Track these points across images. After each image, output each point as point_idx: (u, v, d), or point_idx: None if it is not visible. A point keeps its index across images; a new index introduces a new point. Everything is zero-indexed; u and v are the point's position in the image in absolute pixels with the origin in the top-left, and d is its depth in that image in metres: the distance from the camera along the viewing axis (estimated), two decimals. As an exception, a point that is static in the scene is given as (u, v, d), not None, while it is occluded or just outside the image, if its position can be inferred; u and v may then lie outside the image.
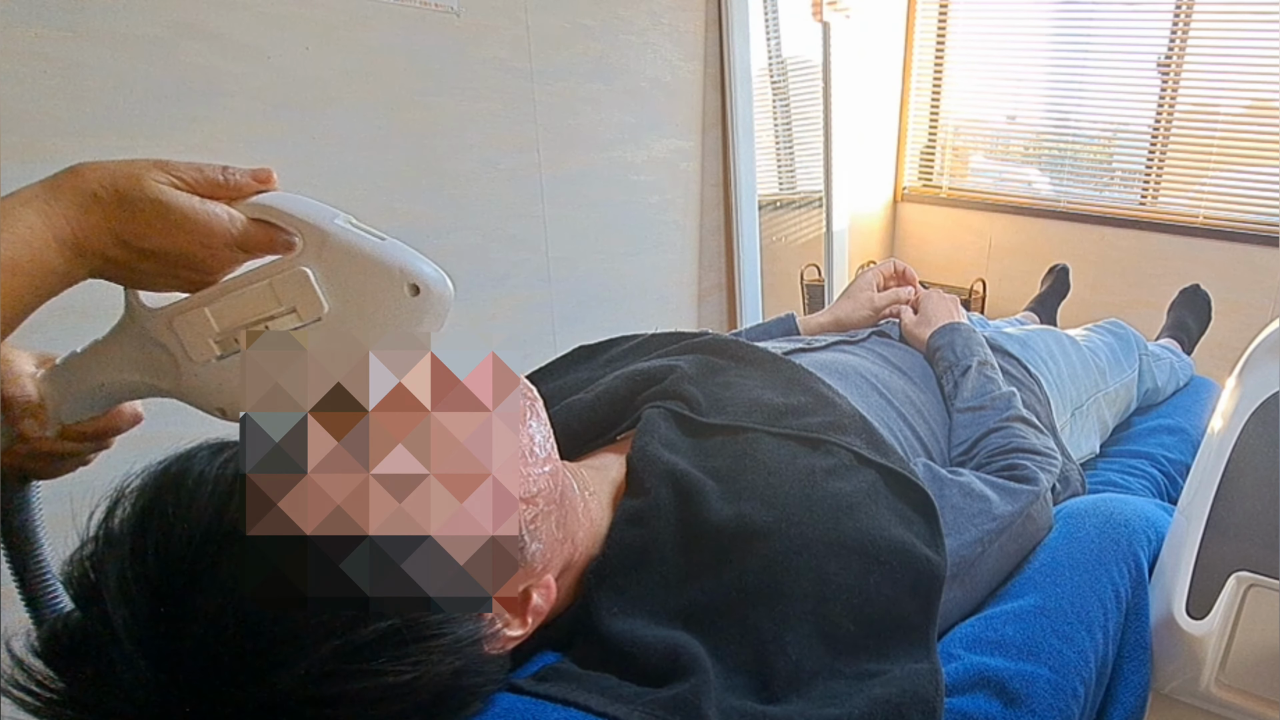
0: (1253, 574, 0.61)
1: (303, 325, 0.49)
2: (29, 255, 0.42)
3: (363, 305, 0.49)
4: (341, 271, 0.48)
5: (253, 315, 0.49)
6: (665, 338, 0.89)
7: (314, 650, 0.39)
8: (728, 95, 2.32)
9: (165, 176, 0.45)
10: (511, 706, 0.49)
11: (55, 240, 0.43)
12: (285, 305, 0.48)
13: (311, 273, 0.48)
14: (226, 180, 0.47)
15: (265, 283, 0.48)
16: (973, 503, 0.70)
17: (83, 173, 0.44)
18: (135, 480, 0.43)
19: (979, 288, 3.09)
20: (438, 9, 1.60)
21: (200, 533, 0.40)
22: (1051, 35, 2.94)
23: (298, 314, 0.49)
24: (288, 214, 0.48)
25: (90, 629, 0.39)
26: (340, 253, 0.48)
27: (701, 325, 2.47)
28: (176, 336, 0.50)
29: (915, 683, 0.52)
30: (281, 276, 0.48)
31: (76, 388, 0.51)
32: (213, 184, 0.47)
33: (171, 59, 1.27)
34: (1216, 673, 0.60)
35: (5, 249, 0.41)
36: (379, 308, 0.48)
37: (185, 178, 0.46)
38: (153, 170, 0.45)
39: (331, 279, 0.48)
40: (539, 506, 0.53)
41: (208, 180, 0.47)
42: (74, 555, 0.42)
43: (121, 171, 0.44)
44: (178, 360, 0.50)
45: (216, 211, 0.46)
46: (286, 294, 0.48)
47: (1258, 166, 2.64)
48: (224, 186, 0.47)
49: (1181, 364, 1.46)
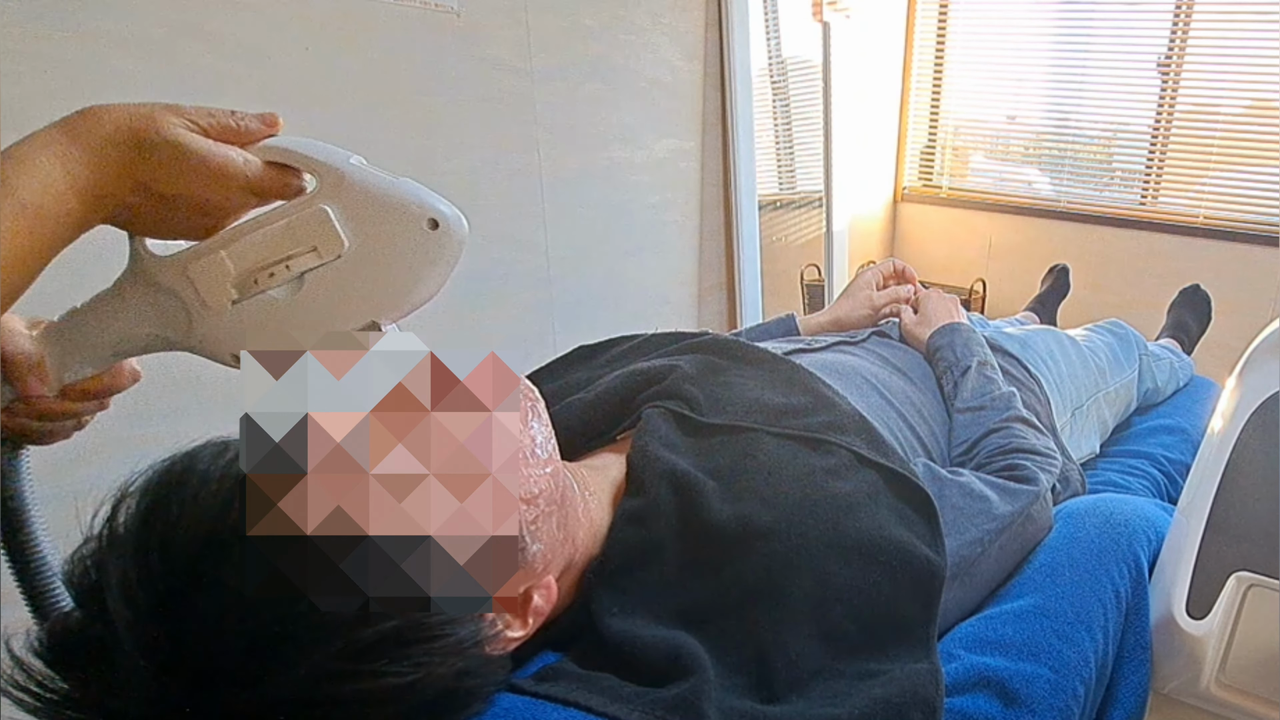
0: (1253, 574, 0.61)
1: (323, 264, 0.49)
2: (49, 203, 0.41)
3: (382, 241, 0.49)
4: (360, 209, 0.49)
5: (272, 256, 0.49)
6: (665, 338, 0.89)
7: (316, 652, 0.39)
8: (728, 95, 2.32)
9: (180, 120, 0.45)
10: (511, 706, 0.49)
11: (72, 187, 0.42)
12: (305, 244, 0.49)
13: (331, 210, 0.48)
14: (237, 125, 0.47)
15: (284, 223, 0.49)
16: (973, 503, 0.70)
17: (99, 115, 0.43)
18: (138, 479, 0.43)
19: (979, 288, 3.09)
20: (438, 9, 1.60)
21: (204, 533, 0.40)
22: (1051, 35, 2.94)
23: (318, 252, 0.49)
24: (302, 155, 0.49)
25: (92, 629, 0.39)
26: (358, 190, 0.49)
27: (701, 325, 2.47)
28: (191, 284, 0.49)
29: (915, 683, 0.52)
30: (300, 215, 0.48)
31: (80, 344, 0.50)
32: (224, 128, 0.47)
33: (171, 59, 1.27)
34: (1216, 673, 0.60)
35: (27, 196, 0.40)
36: (398, 242, 0.49)
37: (199, 121, 0.46)
38: (167, 114, 0.45)
39: (350, 216, 0.49)
40: (540, 507, 0.53)
41: (220, 125, 0.47)
42: (76, 554, 0.42)
43: (137, 114, 0.44)
44: (190, 309, 0.50)
45: (231, 155, 0.46)
46: (306, 233, 0.49)
47: (1258, 166, 2.64)
48: (235, 131, 0.47)
49: (1181, 364, 1.46)
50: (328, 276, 0.49)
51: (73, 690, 0.39)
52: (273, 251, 0.49)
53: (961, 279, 3.16)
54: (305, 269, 0.49)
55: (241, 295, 0.49)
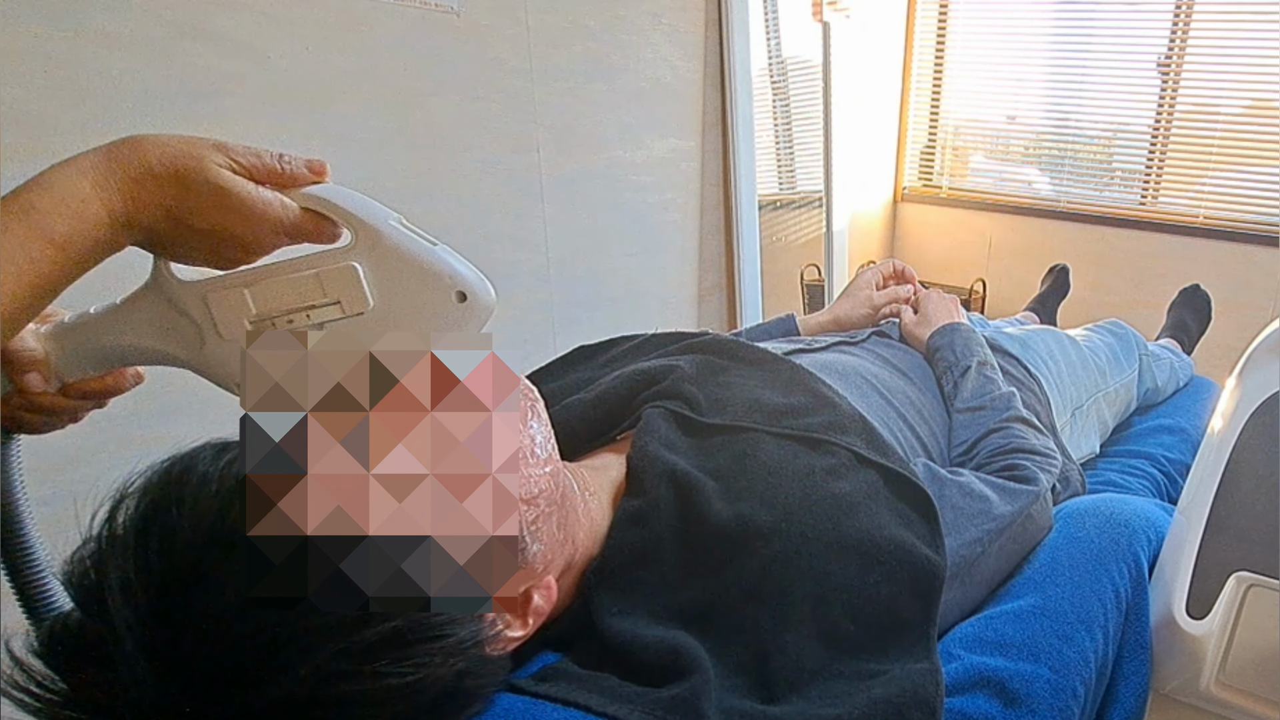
0: (1253, 574, 0.61)
1: (344, 318, 0.50)
2: (79, 233, 0.42)
3: (408, 306, 0.50)
4: (390, 271, 0.49)
5: (295, 303, 0.50)
6: (665, 338, 0.89)
7: (317, 652, 0.39)
8: (728, 95, 2.32)
9: (224, 159, 0.46)
10: (511, 706, 0.49)
11: (107, 214, 0.43)
12: (330, 297, 0.49)
13: (361, 268, 0.49)
14: (282, 169, 0.48)
15: (313, 273, 0.49)
16: (973, 503, 0.70)
17: (143, 145, 0.44)
18: (138, 480, 0.43)
19: (979, 288, 3.09)
20: (438, 9, 1.60)
21: (204, 534, 0.40)
22: (1051, 35, 2.94)
23: (341, 307, 0.50)
24: (342, 209, 0.49)
25: (92, 630, 0.39)
26: (391, 253, 0.49)
27: (701, 325, 2.47)
28: (209, 311, 0.50)
29: (915, 683, 0.52)
30: (330, 269, 0.49)
31: (85, 347, 0.51)
32: (269, 171, 0.47)
33: (171, 59, 1.27)
34: (1216, 673, 0.60)
35: (58, 227, 0.41)
36: (424, 310, 0.50)
37: (242, 162, 0.46)
38: (213, 152, 0.45)
39: (379, 277, 0.49)
40: (540, 507, 0.53)
41: (265, 167, 0.47)
42: (75, 555, 0.42)
43: (183, 151, 0.45)
44: (204, 334, 0.51)
45: (270, 200, 0.47)
46: (332, 287, 0.49)
47: (1258, 166, 2.64)
48: (279, 174, 0.48)
49: (1181, 364, 1.46)
50: (346, 331, 0.50)
51: (73, 691, 0.39)
52: (297, 299, 0.50)
53: (961, 279, 3.16)
54: (326, 320, 0.50)
55: (257, 333, 0.50)
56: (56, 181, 0.42)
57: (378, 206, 0.50)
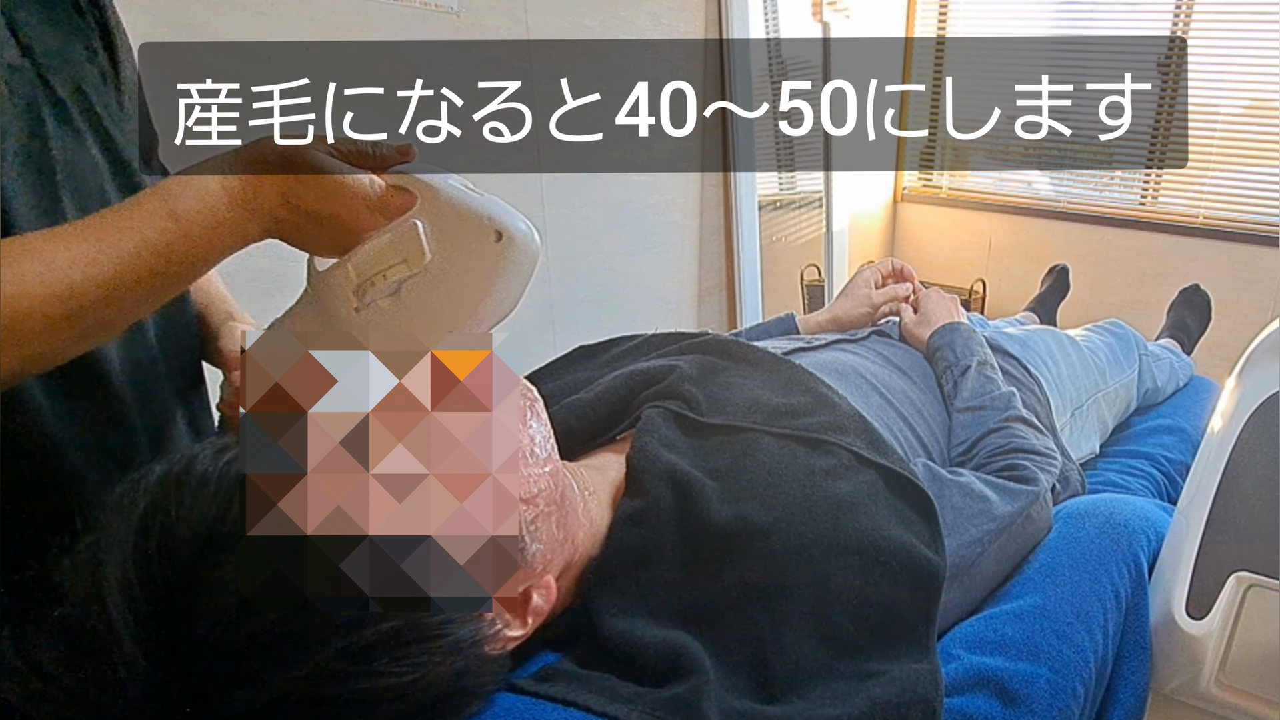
0: (1253, 574, 0.61)
1: (412, 274, 0.55)
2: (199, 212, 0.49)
3: (454, 252, 0.54)
4: (442, 222, 0.54)
5: (377, 266, 0.55)
6: (665, 338, 0.89)
7: (316, 651, 0.39)
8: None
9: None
10: (511, 706, 0.49)
11: (227, 197, 0.50)
12: (399, 256, 0.54)
13: (420, 224, 0.54)
14: (373, 151, 0.55)
15: (388, 236, 0.55)
16: (972, 503, 0.70)
17: (261, 142, 0.53)
18: (138, 481, 0.43)
19: (979, 288, 3.09)
20: (438, 9, 1.60)
21: (203, 533, 0.40)
22: (1051, 35, 2.93)
23: (407, 263, 0.54)
24: (415, 177, 0.55)
25: (90, 629, 0.39)
26: (443, 204, 0.54)
27: (701, 325, 2.47)
28: (331, 293, 0.57)
29: (915, 683, 0.52)
30: (399, 230, 0.54)
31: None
32: (362, 154, 0.54)
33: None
34: (1216, 673, 0.60)
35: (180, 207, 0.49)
36: (467, 253, 0.54)
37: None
38: (318, 142, 0.53)
39: (435, 230, 0.54)
40: (539, 507, 0.53)
41: (358, 151, 0.54)
42: (74, 554, 0.42)
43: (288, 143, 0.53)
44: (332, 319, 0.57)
45: (360, 178, 0.53)
46: (401, 246, 0.54)
47: (1258, 166, 2.64)
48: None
49: (1181, 364, 1.46)
50: (417, 287, 0.55)
51: (71, 691, 0.39)
52: (378, 262, 0.55)
53: (961, 279, 3.15)
54: (399, 278, 0.55)
55: (359, 303, 0.56)
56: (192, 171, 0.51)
57: (442, 172, 0.55)
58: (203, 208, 0.49)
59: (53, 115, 0.55)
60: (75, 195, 0.56)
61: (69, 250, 0.45)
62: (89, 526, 0.42)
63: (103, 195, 0.59)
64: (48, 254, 0.45)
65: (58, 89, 0.56)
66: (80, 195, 0.57)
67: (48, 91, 0.55)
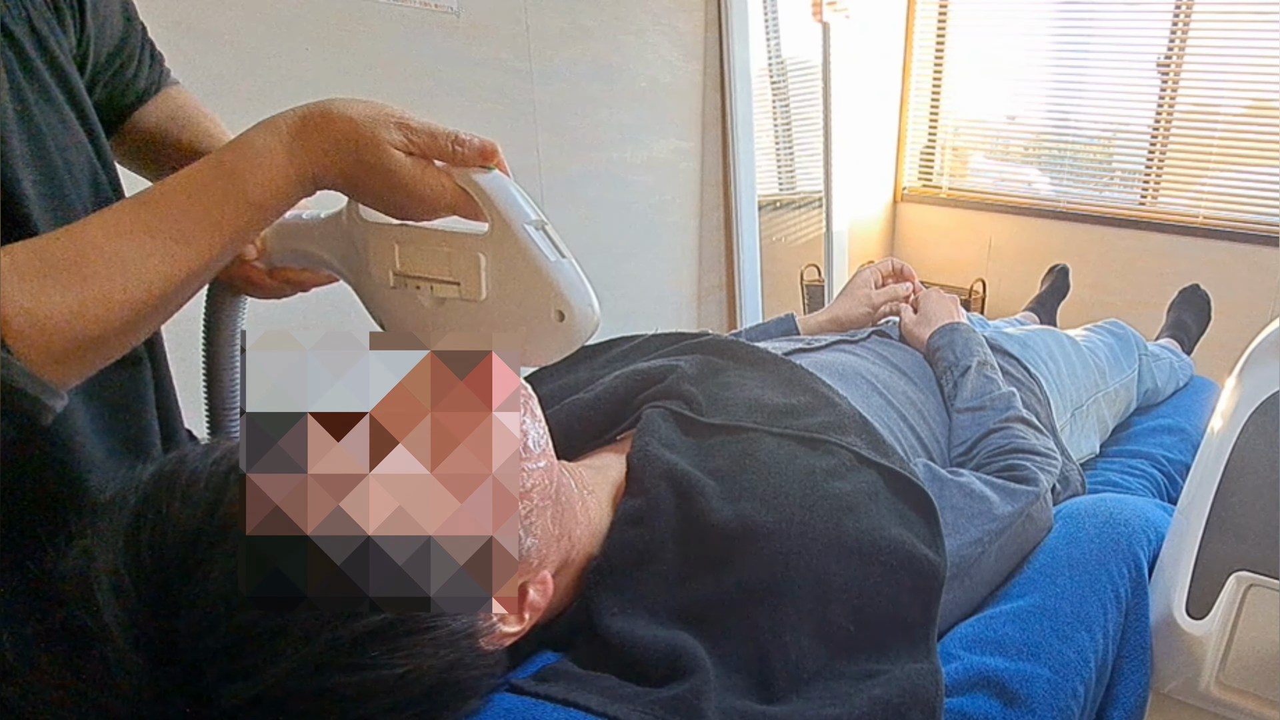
0: (1253, 574, 0.61)
1: (460, 300, 0.54)
2: (272, 199, 0.48)
3: (512, 308, 0.53)
4: (509, 270, 0.52)
5: (426, 272, 0.55)
6: (665, 338, 0.89)
7: (307, 644, 0.39)
8: (728, 95, 2.32)
9: (401, 139, 0.50)
10: (511, 706, 0.49)
11: (297, 175, 0.49)
12: (453, 277, 0.54)
13: (484, 259, 0.53)
14: (454, 150, 0.52)
15: (446, 250, 0.54)
16: (973, 503, 0.70)
17: (331, 116, 0.49)
18: (130, 480, 0.43)
19: (979, 288, 3.09)
20: (438, 9, 1.60)
21: (194, 528, 0.40)
22: (1051, 35, 2.94)
23: (460, 289, 0.54)
24: (488, 199, 0.52)
25: (84, 626, 0.39)
26: (515, 253, 0.52)
27: (701, 325, 2.47)
28: (369, 250, 0.57)
29: (915, 683, 0.52)
30: (460, 253, 0.54)
31: (290, 245, 0.61)
32: (442, 151, 0.52)
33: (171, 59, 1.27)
34: (1216, 673, 0.60)
35: (254, 194, 0.47)
36: (526, 315, 0.53)
37: (417, 141, 0.51)
38: (391, 131, 0.50)
39: (498, 272, 0.53)
40: (534, 502, 0.53)
41: (439, 148, 0.51)
42: (68, 552, 0.42)
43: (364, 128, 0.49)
44: (365, 266, 0.58)
45: (431, 184, 0.51)
46: (458, 269, 0.54)
47: (1258, 166, 2.64)
48: (450, 155, 0.52)
49: (1181, 364, 1.46)
50: (461, 310, 0.55)
51: (68, 688, 0.39)
52: (428, 268, 0.55)
53: (961, 279, 3.16)
54: (445, 296, 0.55)
55: (396, 284, 0.57)
56: (254, 144, 0.48)
57: (523, 206, 0.52)
58: (276, 192, 0.48)
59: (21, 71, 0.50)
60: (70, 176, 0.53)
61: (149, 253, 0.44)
62: (84, 526, 0.42)
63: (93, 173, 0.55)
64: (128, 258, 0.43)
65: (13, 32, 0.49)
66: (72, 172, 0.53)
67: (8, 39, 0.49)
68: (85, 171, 0.54)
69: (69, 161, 0.53)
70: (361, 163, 0.49)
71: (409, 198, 0.51)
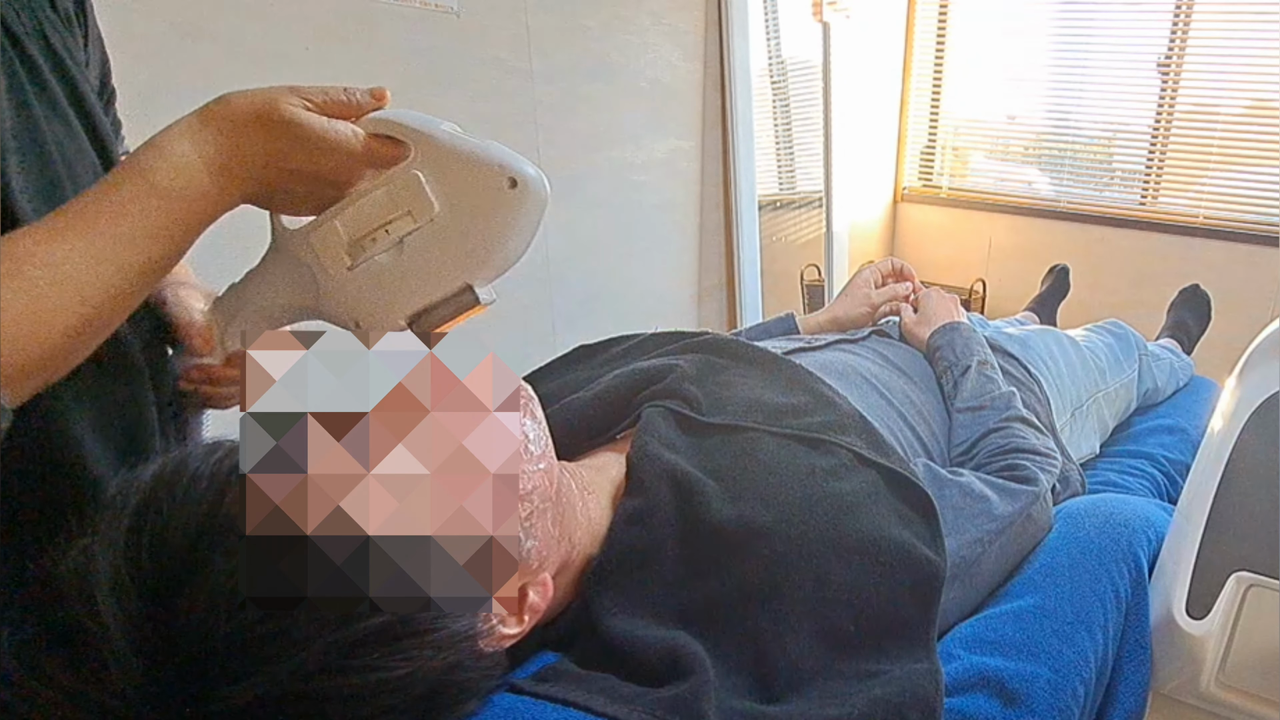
0: (1253, 574, 0.61)
1: (418, 227, 0.53)
2: (182, 184, 0.47)
3: (466, 201, 0.52)
4: (448, 172, 0.52)
5: (375, 221, 0.53)
6: (665, 337, 0.89)
7: (307, 645, 0.39)
8: (728, 95, 2.32)
9: (298, 100, 0.50)
10: (511, 707, 0.49)
11: (205, 165, 0.48)
12: (401, 209, 0.53)
13: (422, 175, 0.52)
14: (348, 99, 0.52)
15: (383, 189, 0.53)
16: (973, 503, 0.70)
17: (228, 100, 0.49)
18: (131, 482, 0.43)
19: (979, 288, 3.09)
20: (438, 9, 1.60)
21: (194, 529, 0.40)
22: (1051, 35, 2.94)
23: (412, 216, 0.53)
24: (399, 124, 0.52)
25: (84, 627, 0.39)
26: (446, 154, 0.52)
27: (701, 325, 2.47)
28: (314, 252, 0.55)
29: (915, 683, 0.51)
30: (397, 182, 0.52)
31: (236, 313, 0.58)
32: (338, 104, 0.52)
33: (171, 59, 1.27)
34: (1216, 673, 0.60)
35: (161, 180, 0.46)
36: (480, 202, 0.52)
37: (314, 99, 0.51)
38: (287, 95, 0.50)
39: (439, 181, 0.52)
40: (534, 504, 0.53)
41: (333, 101, 0.52)
42: (68, 552, 0.42)
43: (260, 97, 0.50)
44: (316, 276, 0.55)
45: (340, 128, 0.51)
46: (402, 198, 0.53)
47: (1258, 166, 2.64)
48: (346, 105, 0.52)
49: (1181, 364, 1.46)
50: (423, 240, 0.53)
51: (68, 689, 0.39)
52: (376, 217, 0.53)
53: (961, 279, 3.16)
54: (403, 233, 0.53)
55: (354, 261, 0.54)
56: (160, 141, 0.47)
57: (430, 118, 0.53)
58: (184, 181, 0.47)
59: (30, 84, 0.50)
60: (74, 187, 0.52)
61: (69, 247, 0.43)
62: (84, 526, 0.42)
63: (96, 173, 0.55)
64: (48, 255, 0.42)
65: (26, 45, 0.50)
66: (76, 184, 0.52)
67: (19, 52, 0.50)
68: (90, 183, 0.53)
69: (74, 174, 0.52)
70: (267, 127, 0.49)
71: (323, 149, 0.50)
